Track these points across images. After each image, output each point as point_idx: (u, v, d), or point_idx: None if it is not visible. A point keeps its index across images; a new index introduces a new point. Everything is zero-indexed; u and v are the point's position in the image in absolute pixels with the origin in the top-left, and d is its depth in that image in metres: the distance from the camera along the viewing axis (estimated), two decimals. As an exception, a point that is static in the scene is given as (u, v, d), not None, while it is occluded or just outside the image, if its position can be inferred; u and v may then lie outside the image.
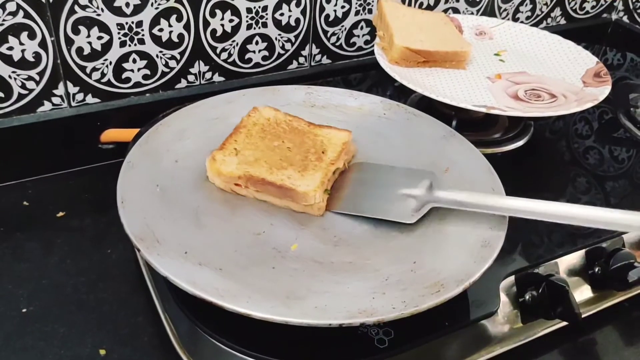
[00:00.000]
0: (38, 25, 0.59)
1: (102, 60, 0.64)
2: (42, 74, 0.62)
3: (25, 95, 0.62)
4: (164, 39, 0.66)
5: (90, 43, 0.62)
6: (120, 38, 0.63)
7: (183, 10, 0.65)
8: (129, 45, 0.64)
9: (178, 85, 0.70)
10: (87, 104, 0.66)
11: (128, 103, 0.67)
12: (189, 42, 0.68)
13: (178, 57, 0.68)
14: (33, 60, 0.60)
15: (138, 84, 0.67)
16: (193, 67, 0.70)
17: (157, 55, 0.67)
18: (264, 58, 0.74)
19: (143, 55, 0.66)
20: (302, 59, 0.77)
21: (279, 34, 0.73)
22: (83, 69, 0.63)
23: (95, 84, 0.65)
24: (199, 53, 0.69)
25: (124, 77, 0.66)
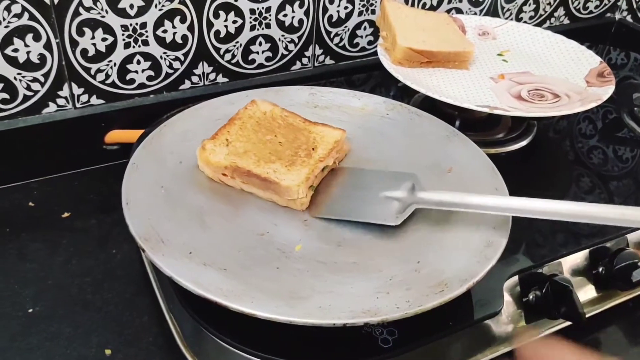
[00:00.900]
0: (43, 27, 0.59)
1: (106, 62, 0.64)
2: (47, 76, 0.62)
3: (31, 97, 0.62)
4: (168, 40, 0.66)
5: (95, 44, 0.62)
6: (125, 39, 0.64)
7: (187, 12, 0.66)
8: (133, 47, 0.65)
9: (182, 87, 0.71)
10: (91, 105, 0.66)
11: (132, 104, 0.68)
12: (193, 43, 0.68)
13: (182, 58, 0.68)
14: (38, 62, 0.61)
15: (142, 85, 0.68)
16: (197, 68, 0.70)
17: (161, 57, 0.67)
18: (268, 59, 0.74)
19: (147, 57, 0.66)
20: (305, 60, 0.77)
21: (283, 35, 0.73)
22: (88, 71, 0.64)
23: (100, 86, 0.65)
24: (203, 54, 0.69)
25: (128, 78, 0.66)
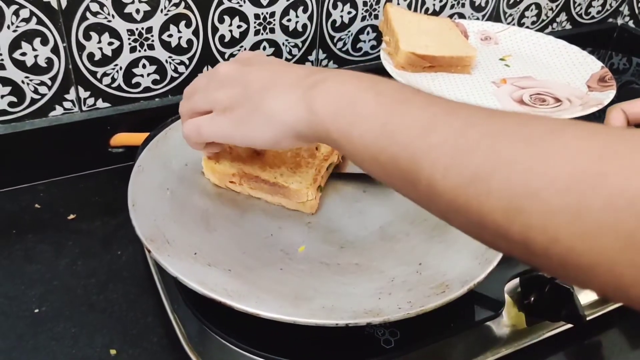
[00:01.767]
0: (50, 32, 0.60)
1: (112, 66, 0.65)
2: (54, 79, 0.63)
3: (38, 100, 0.63)
4: (173, 45, 0.67)
5: (101, 49, 0.63)
6: (131, 44, 0.64)
7: (192, 17, 0.66)
8: (139, 51, 0.65)
9: (187, 90, 0.71)
10: (97, 109, 0.67)
11: (138, 108, 0.68)
12: (198, 47, 0.69)
13: (187, 62, 0.69)
14: (45, 66, 0.61)
15: (148, 89, 0.68)
16: (202, 72, 0.71)
17: (166, 61, 0.68)
18: (272, 63, 0.75)
19: (153, 61, 0.67)
20: (309, 64, 0.78)
21: (287, 40, 0.74)
22: (94, 74, 0.64)
23: (106, 89, 0.66)
24: (208, 58, 0.70)
25: (134, 82, 0.67)
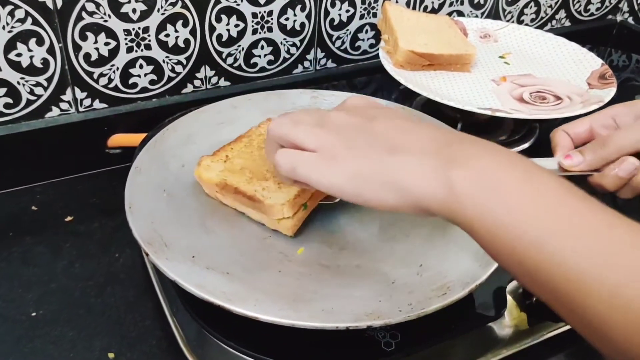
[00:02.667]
0: (46, 32, 0.59)
1: (109, 66, 0.64)
2: (50, 80, 0.62)
3: (34, 101, 0.63)
4: (170, 45, 0.67)
5: (98, 49, 0.63)
6: (127, 44, 0.64)
7: (189, 16, 0.66)
8: (136, 51, 0.65)
9: (184, 90, 0.71)
10: (94, 110, 0.66)
11: (135, 108, 0.68)
12: (195, 47, 0.68)
13: (184, 62, 0.69)
14: (41, 67, 0.61)
15: (145, 89, 0.68)
16: (199, 72, 0.70)
17: (163, 61, 0.67)
18: (270, 62, 0.75)
19: (150, 61, 0.66)
20: (307, 63, 0.78)
21: (284, 39, 0.74)
22: (90, 75, 0.64)
23: (103, 90, 0.66)
24: (205, 58, 0.70)
25: (131, 82, 0.67)
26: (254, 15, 0.70)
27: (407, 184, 0.34)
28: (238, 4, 0.68)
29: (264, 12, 0.70)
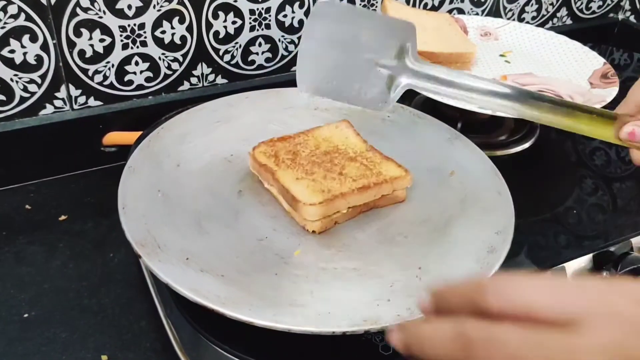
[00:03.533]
0: (40, 28, 0.59)
1: (104, 63, 0.63)
2: (44, 77, 0.61)
3: (27, 99, 0.62)
4: (167, 41, 0.66)
5: (92, 46, 0.62)
6: (123, 40, 0.63)
7: (185, 12, 0.65)
8: (131, 48, 0.64)
9: (181, 88, 0.70)
10: (89, 107, 0.65)
11: (130, 106, 0.67)
12: (192, 44, 0.67)
13: (181, 59, 0.68)
14: (35, 63, 0.60)
15: (140, 87, 0.67)
16: (196, 69, 0.69)
17: (159, 58, 0.66)
18: (268, 60, 0.74)
19: (145, 58, 0.65)
20: (305, 61, 0.77)
21: (283, 36, 0.73)
22: (85, 72, 0.63)
23: (98, 87, 0.65)
24: (202, 55, 0.69)
25: (127, 79, 0.66)
26: (252, 12, 0.69)
27: None
28: (235, 1, 0.67)
29: (262, 8, 0.69)
